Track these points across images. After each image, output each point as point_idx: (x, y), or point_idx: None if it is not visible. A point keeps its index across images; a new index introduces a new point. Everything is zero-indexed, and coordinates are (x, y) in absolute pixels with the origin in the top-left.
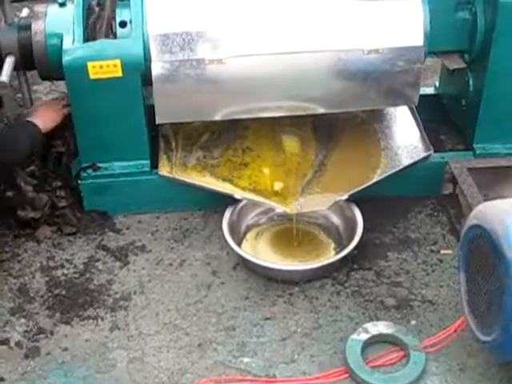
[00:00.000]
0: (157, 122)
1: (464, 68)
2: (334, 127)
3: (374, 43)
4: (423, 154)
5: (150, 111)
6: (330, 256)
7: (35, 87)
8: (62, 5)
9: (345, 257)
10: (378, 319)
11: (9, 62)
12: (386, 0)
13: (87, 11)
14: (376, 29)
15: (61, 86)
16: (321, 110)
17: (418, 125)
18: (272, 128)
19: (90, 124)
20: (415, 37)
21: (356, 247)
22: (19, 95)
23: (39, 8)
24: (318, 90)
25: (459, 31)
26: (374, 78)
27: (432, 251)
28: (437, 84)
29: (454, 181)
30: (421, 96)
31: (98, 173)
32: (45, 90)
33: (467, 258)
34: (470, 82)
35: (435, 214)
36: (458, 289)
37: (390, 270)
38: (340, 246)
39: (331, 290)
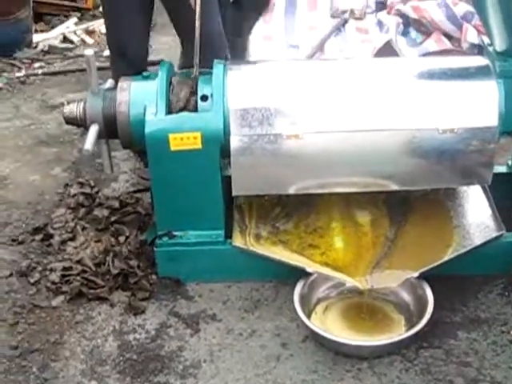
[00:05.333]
0: (233, 194)
1: None
2: (406, 203)
3: (449, 123)
4: (495, 234)
5: (226, 182)
6: (401, 332)
7: (113, 153)
8: (146, 78)
9: (415, 334)
10: None
11: (93, 130)
12: (462, 80)
13: (170, 85)
14: (451, 109)
15: None
16: (394, 187)
17: (490, 203)
18: (344, 203)
19: (168, 193)
20: (490, 117)
21: (426, 325)
22: (99, 160)
23: (125, 80)
24: (392, 167)
25: None
26: (447, 157)
27: (502, 332)
28: (509, 163)
29: None
30: (493, 174)
31: (173, 241)
32: (122, 157)
33: None
34: None
35: (506, 293)
36: None
37: (460, 350)
38: (410, 323)
39: (400, 366)
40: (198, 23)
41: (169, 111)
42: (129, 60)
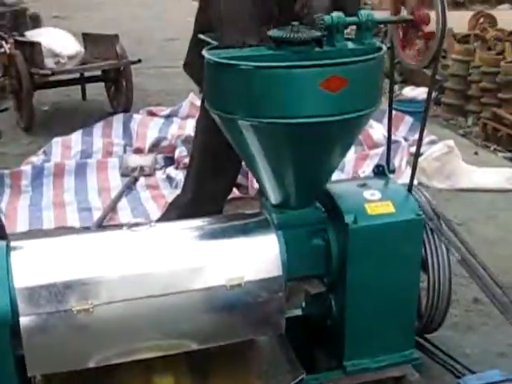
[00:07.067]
0: (29, 374)
1: (324, 291)
2: (208, 360)
3: (236, 278)
4: (296, 379)
5: (22, 361)
6: None
7: None
8: None
9: None
10: None
11: None
12: (244, 237)
13: None
14: (236, 265)
15: None
16: (194, 346)
17: (287, 349)
18: (145, 369)
19: None
20: (274, 268)
21: None
22: None
23: None
24: (188, 328)
25: (315, 257)
26: (239, 311)
27: None
28: (303, 305)
29: None
30: (289, 318)
31: None
32: None
33: None
34: (332, 302)
35: None
36: None
37: None
38: None
39: None
40: None
41: None
42: None
